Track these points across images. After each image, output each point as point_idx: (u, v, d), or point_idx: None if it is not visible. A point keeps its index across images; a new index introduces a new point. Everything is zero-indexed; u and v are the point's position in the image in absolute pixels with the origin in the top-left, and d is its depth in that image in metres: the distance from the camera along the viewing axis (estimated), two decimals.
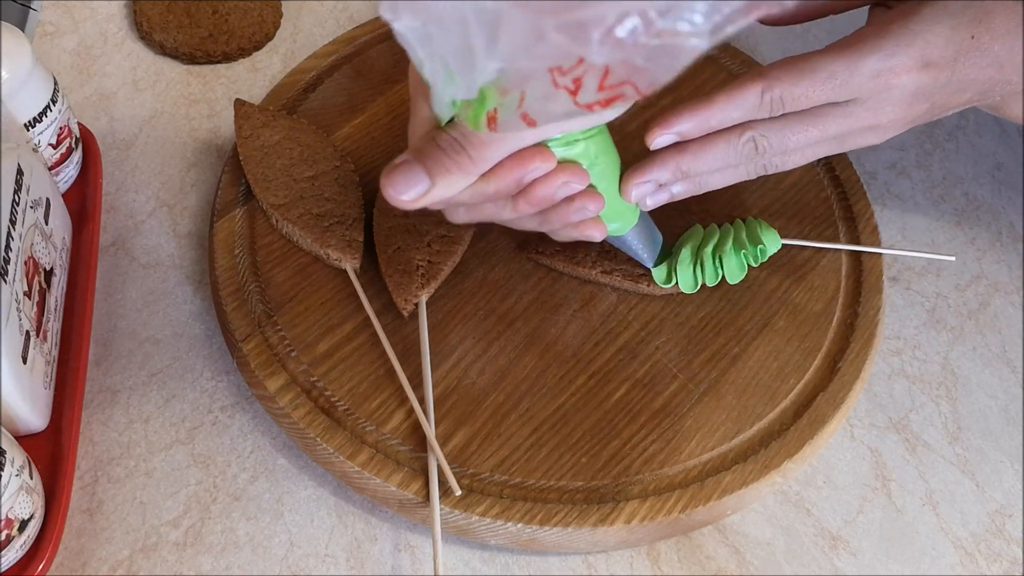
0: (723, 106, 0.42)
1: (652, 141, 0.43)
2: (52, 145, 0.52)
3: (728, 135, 0.43)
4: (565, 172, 0.40)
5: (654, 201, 0.45)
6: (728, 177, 0.45)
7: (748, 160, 0.44)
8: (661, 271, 0.50)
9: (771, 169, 0.44)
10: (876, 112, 0.43)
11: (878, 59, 0.41)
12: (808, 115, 0.43)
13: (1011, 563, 0.47)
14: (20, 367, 0.43)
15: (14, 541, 0.41)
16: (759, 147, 0.43)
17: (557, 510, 0.44)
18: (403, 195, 0.39)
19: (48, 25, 0.66)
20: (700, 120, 0.42)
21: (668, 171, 0.43)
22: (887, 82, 0.41)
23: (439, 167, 0.38)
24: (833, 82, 0.41)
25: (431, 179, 0.38)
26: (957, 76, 0.42)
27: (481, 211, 0.42)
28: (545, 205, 0.41)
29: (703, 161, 0.43)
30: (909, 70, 0.41)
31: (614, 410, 0.48)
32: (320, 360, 0.48)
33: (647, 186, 0.44)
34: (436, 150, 0.38)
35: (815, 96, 0.42)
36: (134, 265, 0.55)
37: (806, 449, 0.47)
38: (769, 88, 0.41)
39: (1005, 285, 0.56)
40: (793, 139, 0.43)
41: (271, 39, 0.66)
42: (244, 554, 0.45)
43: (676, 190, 0.45)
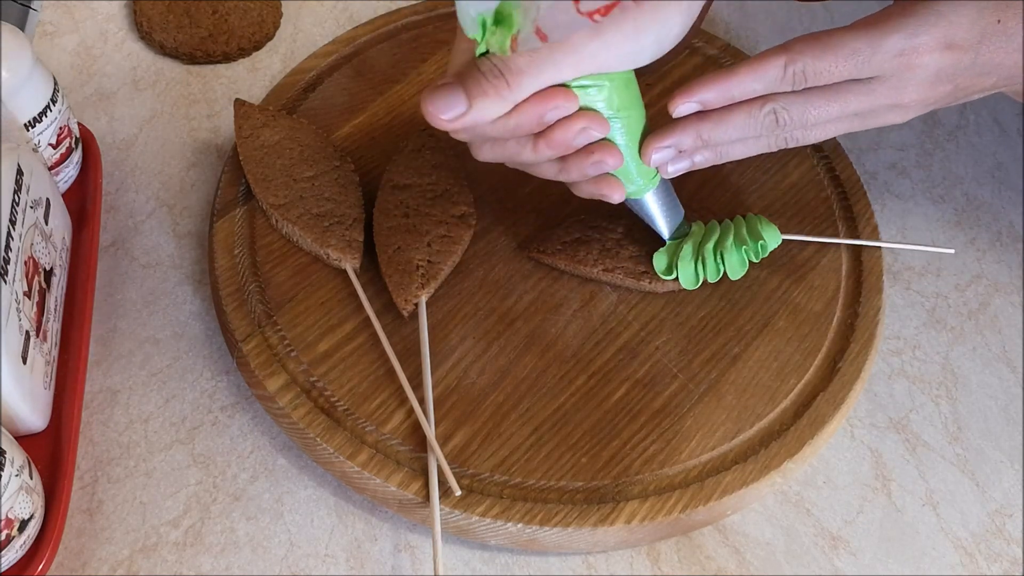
0: (746, 77, 0.42)
1: (675, 109, 0.43)
2: (52, 145, 0.52)
3: (750, 106, 0.43)
4: (585, 118, 0.41)
5: (675, 168, 0.45)
6: (750, 148, 0.45)
7: (769, 132, 0.44)
8: (662, 261, 0.50)
9: (792, 143, 0.45)
10: (898, 91, 0.43)
11: (902, 38, 0.41)
12: (830, 90, 0.43)
13: (1011, 563, 0.47)
14: (20, 367, 0.43)
15: (14, 541, 0.41)
16: (780, 120, 0.43)
17: (557, 510, 0.44)
18: (443, 114, 0.39)
19: (48, 25, 0.66)
20: (722, 89, 0.43)
21: (689, 137, 0.44)
22: (910, 61, 0.41)
23: (478, 89, 0.39)
24: (856, 58, 0.41)
25: (469, 101, 0.39)
26: (981, 59, 0.42)
27: (504, 148, 0.43)
28: (564, 150, 0.42)
29: (724, 130, 0.44)
30: (932, 50, 0.41)
31: (614, 410, 0.48)
32: (320, 360, 0.48)
33: (667, 151, 0.44)
34: (476, 74, 0.39)
35: (837, 72, 0.42)
36: (134, 265, 0.55)
37: (806, 449, 0.47)
38: (792, 61, 0.42)
39: (1005, 285, 0.56)
40: (814, 113, 0.43)
41: (271, 39, 0.66)
42: (244, 554, 0.45)
43: (698, 159, 0.45)
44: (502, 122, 0.40)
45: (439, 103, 0.39)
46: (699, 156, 0.45)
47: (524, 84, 0.39)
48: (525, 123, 0.40)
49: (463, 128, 0.40)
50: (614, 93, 0.41)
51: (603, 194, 0.45)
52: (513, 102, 0.39)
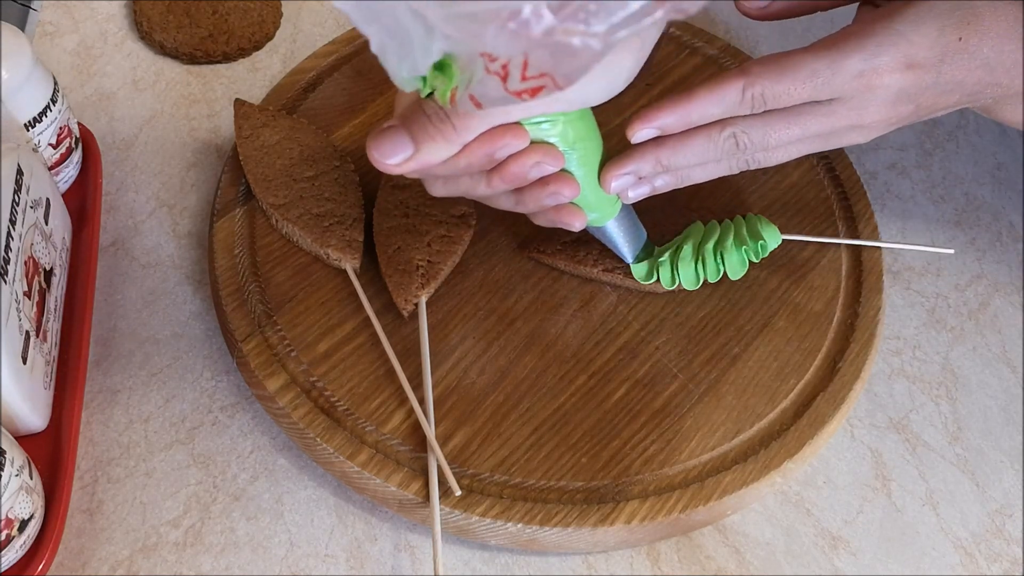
0: (704, 101, 0.42)
1: (633, 135, 0.42)
2: (52, 145, 0.52)
3: (709, 130, 0.43)
4: (538, 152, 0.40)
5: (635, 194, 0.45)
6: (711, 171, 0.44)
7: (729, 155, 0.43)
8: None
9: (754, 165, 0.44)
10: (859, 112, 0.42)
11: (861, 59, 0.41)
12: (790, 113, 0.42)
13: (1011, 563, 0.47)
14: (20, 367, 0.43)
15: (14, 541, 0.41)
16: (740, 143, 0.43)
17: (557, 510, 0.44)
18: (388, 159, 0.39)
19: (48, 25, 0.66)
20: (681, 115, 0.42)
21: (648, 164, 0.43)
22: (870, 82, 0.41)
23: (424, 134, 0.38)
24: (815, 81, 0.41)
25: (415, 145, 0.39)
26: (943, 78, 0.42)
27: (457, 184, 0.42)
28: (518, 183, 0.41)
29: (683, 155, 0.43)
30: (892, 71, 0.41)
31: (614, 410, 0.48)
32: (320, 360, 0.48)
33: (627, 178, 0.44)
34: (422, 117, 0.38)
35: (797, 94, 0.41)
36: (134, 265, 0.55)
37: (806, 449, 0.47)
38: (751, 85, 0.41)
39: (1005, 285, 0.56)
40: (775, 136, 0.43)
41: (271, 39, 0.66)
42: (244, 554, 0.45)
43: (658, 183, 0.45)
44: (451, 162, 0.40)
45: (384, 148, 0.39)
46: (659, 181, 0.44)
47: (471, 127, 0.38)
48: (475, 163, 0.40)
49: (410, 172, 0.40)
50: (568, 127, 0.41)
51: (564, 223, 0.44)
52: (460, 144, 0.39)
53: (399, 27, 0.31)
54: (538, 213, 0.44)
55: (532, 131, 0.40)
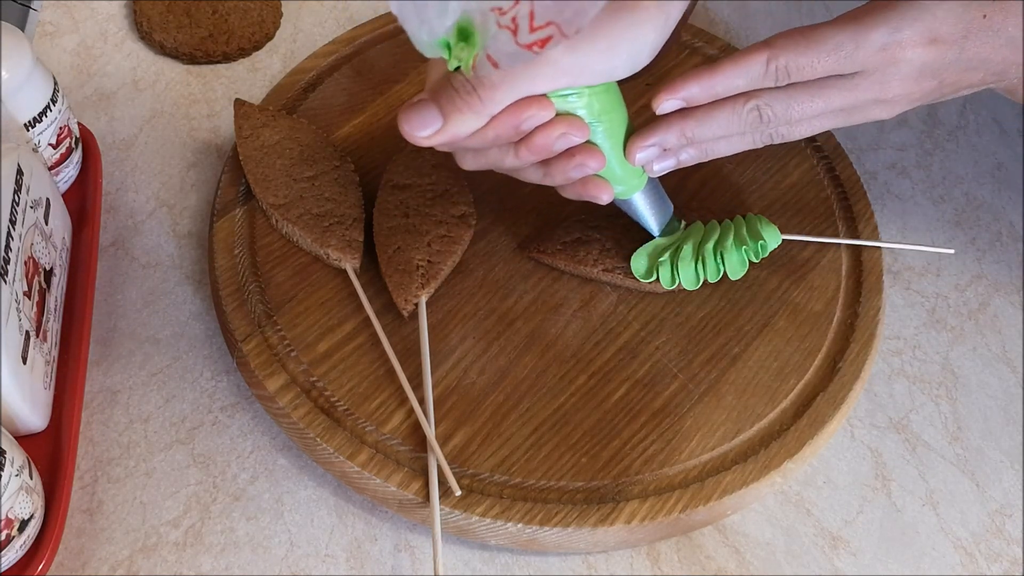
0: (729, 73, 0.42)
1: (658, 106, 0.43)
2: (52, 145, 0.52)
3: (733, 102, 0.43)
4: (564, 124, 0.41)
5: (660, 167, 0.45)
6: (735, 144, 0.45)
7: (753, 128, 0.44)
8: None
9: (777, 139, 0.44)
10: (882, 86, 0.42)
11: (885, 32, 0.41)
12: (814, 86, 0.42)
13: (1011, 563, 0.47)
14: (20, 367, 0.43)
15: (14, 541, 0.41)
16: (763, 116, 0.43)
17: (557, 510, 0.44)
18: (418, 131, 0.40)
19: (48, 25, 0.66)
20: (706, 86, 0.42)
21: (673, 135, 0.44)
22: (893, 56, 0.41)
23: (451, 106, 0.39)
24: (839, 53, 0.41)
25: (444, 117, 0.39)
26: (967, 54, 0.42)
27: (486, 157, 0.43)
28: (545, 155, 0.42)
29: (708, 127, 0.43)
30: (916, 45, 0.41)
31: (614, 410, 0.48)
32: (320, 360, 0.48)
33: (652, 150, 0.44)
34: (449, 90, 0.39)
35: (820, 67, 0.41)
36: (134, 265, 0.55)
37: (806, 449, 0.47)
38: (775, 57, 0.41)
39: (1005, 285, 0.56)
40: (798, 109, 0.43)
41: (271, 39, 0.66)
42: (244, 554, 0.45)
43: (683, 157, 0.45)
44: (480, 134, 0.40)
45: (414, 121, 0.39)
46: (684, 154, 0.45)
47: (497, 98, 0.39)
48: (503, 134, 0.40)
49: (440, 144, 0.40)
50: (593, 99, 0.41)
51: (591, 195, 0.44)
52: (488, 116, 0.39)
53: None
54: (566, 186, 0.45)
55: (558, 103, 0.40)
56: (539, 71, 0.38)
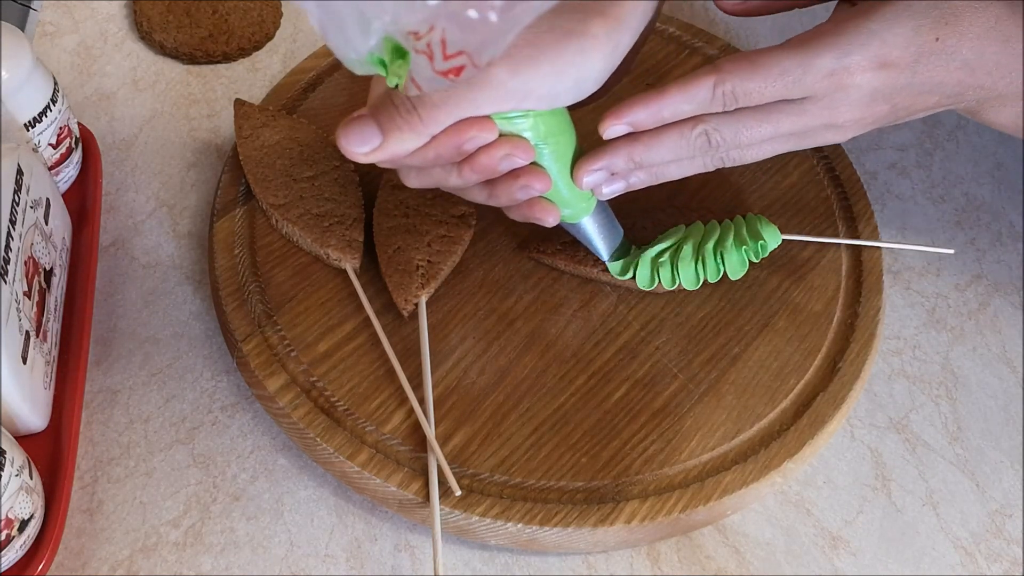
0: (675, 98, 0.41)
1: (605, 131, 0.42)
2: (52, 145, 0.52)
3: (681, 127, 0.42)
4: (508, 144, 0.40)
5: (610, 190, 0.45)
6: (685, 168, 0.44)
7: (703, 153, 0.43)
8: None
9: (729, 162, 0.44)
10: (832, 111, 0.42)
11: (832, 58, 0.40)
12: (761, 111, 0.42)
13: (1011, 563, 0.47)
14: (20, 367, 0.43)
15: (14, 541, 0.41)
16: (712, 141, 0.42)
17: (557, 510, 0.44)
18: (356, 147, 0.39)
19: (48, 25, 0.66)
20: (652, 111, 0.42)
21: (620, 159, 0.43)
22: (841, 81, 0.40)
23: (391, 124, 0.39)
24: (786, 79, 0.40)
25: (383, 135, 0.39)
26: (919, 78, 0.41)
27: (430, 176, 0.43)
28: (488, 175, 0.41)
29: (656, 152, 0.43)
30: (864, 70, 0.40)
31: (614, 410, 0.48)
32: (320, 360, 0.48)
33: (599, 174, 0.44)
34: (390, 108, 0.39)
35: (768, 92, 0.41)
36: (134, 265, 0.55)
37: (806, 449, 0.47)
38: (721, 82, 0.41)
39: (1005, 285, 0.56)
40: (746, 134, 0.42)
41: (271, 39, 0.66)
42: (244, 554, 0.45)
43: (633, 180, 0.45)
44: (420, 154, 0.40)
45: (352, 137, 0.39)
46: (633, 177, 0.44)
47: (438, 118, 0.38)
48: (444, 154, 0.40)
49: (379, 161, 0.40)
50: (539, 121, 0.41)
51: (537, 218, 0.44)
52: (428, 135, 0.39)
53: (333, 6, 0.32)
54: (512, 208, 0.44)
55: (503, 124, 0.40)
56: (482, 93, 0.38)
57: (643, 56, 0.62)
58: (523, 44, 0.37)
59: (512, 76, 0.38)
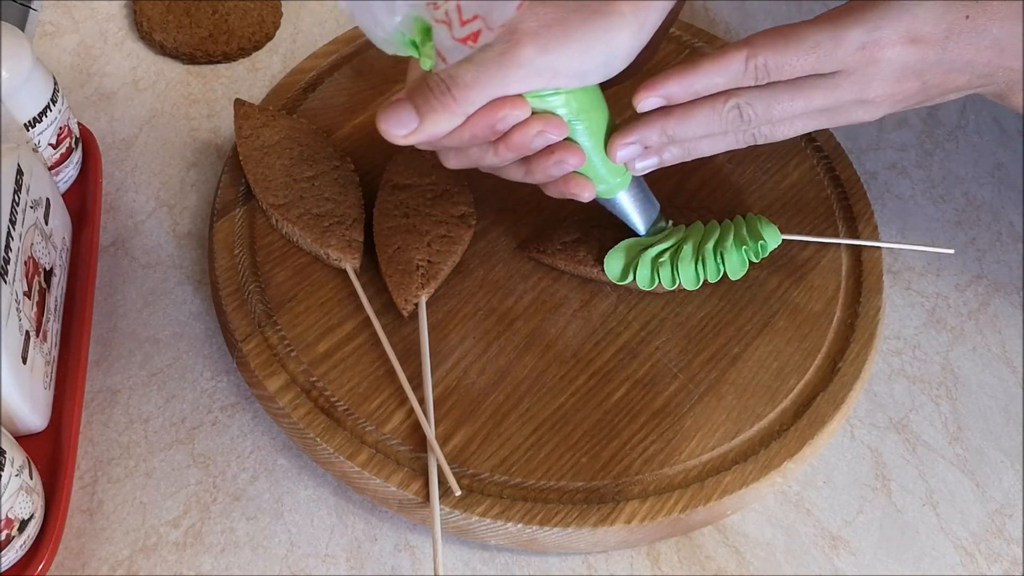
0: (708, 71, 0.42)
1: (639, 103, 0.43)
2: (52, 145, 0.52)
3: (713, 101, 0.43)
4: (541, 122, 0.41)
5: (643, 165, 0.45)
6: (717, 144, 0.44)
7: (735, 128, 0.43)
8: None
9: (760, 139, 0.44)
10: (863, 86, 0.42)
11: (863, 31, 0.40)
12: (794, 85, 0.42)
13: (1011, 563, 0.47)
14: (20, 367, 0.43)
15: (14, 541, 0.41)
16: (744, 115, 0.43)
17: (557, 510, 0.44)
18: (395, 130, 0.40)
19: (48, 25, 0.66)
20: (685, 84, 0.42)
21: (654, 133, 0.43)
22: (872, 55, 0.41)
23: (427, 106, 0.40)
24: (817, 52, 0.41)
25: (419, 117, 0.40)
26: (949, 55, 0.41)
27: (468, 156, 0.43)
28: (523, 152, 0.42)
29: (689, 126, 0.43)
30: (895, 44, 0.41)
31: (614, 410, 0.48)
32: (320, 360, 0.48)
33: (633, 148, 0.44)
34: (425, 90, 0.40)
35: (800, 66, 0.41)
36: (134, 265, 0.55)
37: (806, 449, 0.47)
38: (754, 55, 0.41)
39: (1005, 285, 0.56)
40: (778, 108, 0.42)
41: (271, 39, 0.66)
42: (244, 554, 0.45)
43: (666, 155, 0.45)
44: (456, 134, 0.41)
45: (391, 120, 0.40)
46: (667, 153, 0.45)
47: (471, 98, 0.39)
48: (479, 133, 0.41)
49: (418, 143, 0.41)
50: (571, 98, 0.41)
51: (573, 193, 0.45)
52: (463, 115, 0.40)
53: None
54: (548, 184, 0.45)
55: (536, 102, 0.41)
56: (511, 72, 0.39)
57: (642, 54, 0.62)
58: (551, 23, 0.38)
59: (540, 54, 0.38)
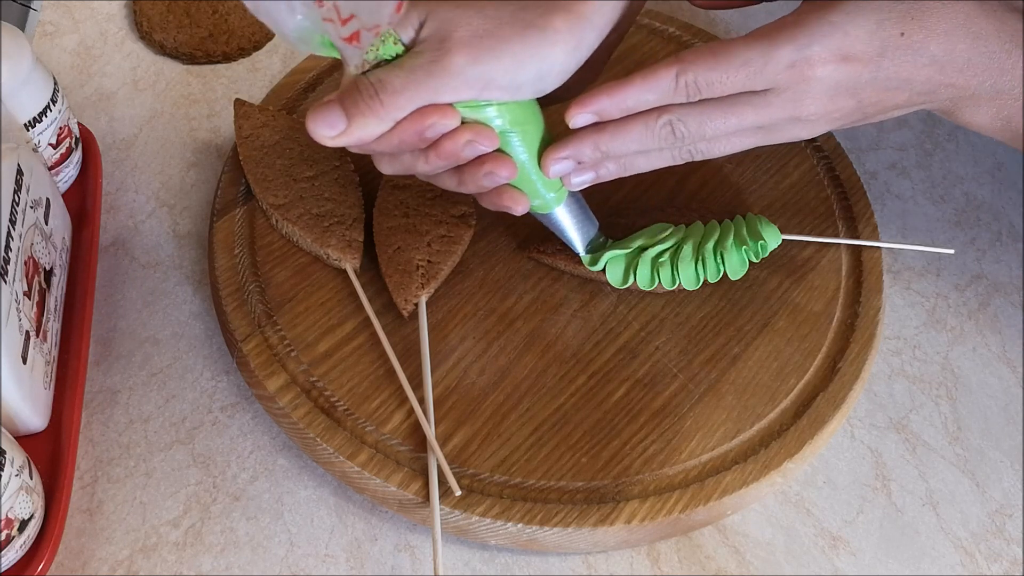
0: (639, 87, 0.41)
1: (571, 120, 0.42)
2: (52, 145, 0.52)
3: (646, 117, 0.42)
4: (470, 131, 0.41)
5: (579, 180, 0.45)
6: (654, 161, 0.44)
7: (669, 144, 0.43)
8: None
9: (697, 156, 0.44)
10: (796, 104, 0.41)
11: (794, 49, 0.40)
12: (726, 102, 0.42)
13: (1011, 563, 0.47)
14: (20, 367, 0.43)
15: (14, 541, 0.41)
16: (677, 132, 0.42)
17: (557, 510, 0.44)
18: (322, 131, 0.40)
19: (48, 25, 0.66)
20: (616, 100, 0.42)
21: (587, 148, 0.43)
22: (803, 73, 0.40)
23: (355, 109, 0.40)
24: (747, 69, 0.40)
25: (348, 120, 0.40)
26: (884, 72, 0.41)
27: (401, 162, 0.43)
28: (453, 161, 0.42)
29: (622, 142, 0.43)
30: (826, 62, 0.40)
31: (614, 410, 0.48)
32: (320, 360, 0.48)
33: (566, 163, 0.44)
34: (355, 93, 0.40)
35: (730, 83, 0.41)
36: (134, 265, 0.55)
37: (806, 449, 0.47)
38: (684, 72, 0.41)
39: (1005, 285, 0.56)
40: (711, 126, 0.42)
41: (271, 39, 0.66)
42: (244, 554, 0.45)
43: (602, 171, 0.45)
44: (385, 139, 0.41)
45: (319, 120, 0.40)
46: (603, 169, 0.44)
47: (399, 104, 0.39)
48: (407, 140, 0.41)
49: (346, 145, 0.41)
50: (505, 110, 0.41)
51: (506, 206, 0.44)
52: (391, 120, 0.40)
53: None
54: (482, 196, 0.45)
55: (468, 113, 0.41)
56: (442, 80, 0.39)
57: (643, 56, 0.62)
58: (484, 33, 0.38)
59: (472, 64, 0.38)
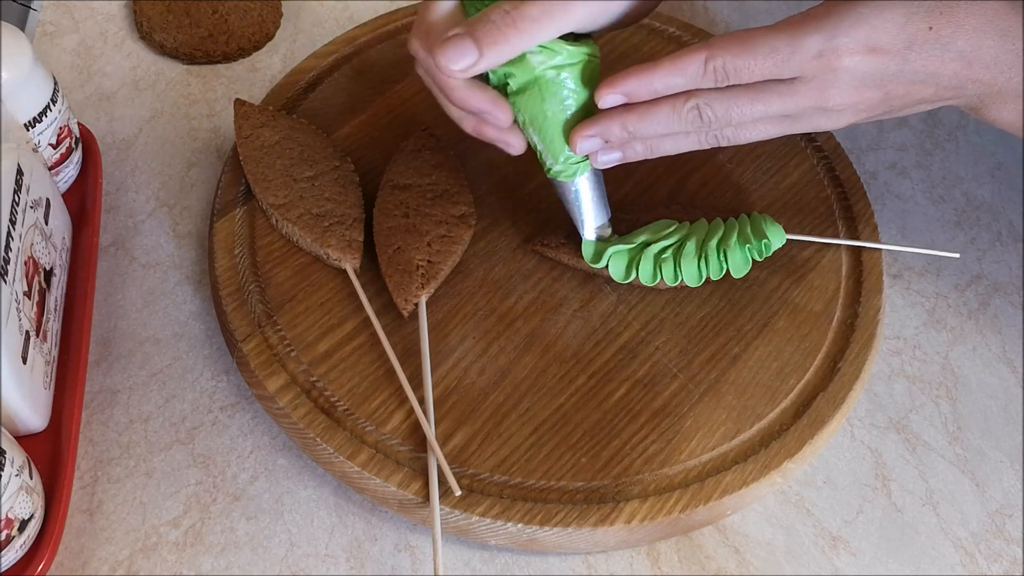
0: (667, 71, 0.42)
1: (600, 99, 0.43)
2: (52, 145, 0.52)
3: (673, 100, 0.43)
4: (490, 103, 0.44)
5: (606, 159, 0.45)
6: (680, 144, 0.45)
7: (695, 128, 0.43)
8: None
9: (723, 141, 0.44)
10: (822, 93, 0.42)
11: (821, 39, 0.40)
12: (753, 89, 0.42)
13: (1011, 563, 0.47)
14: (20, 367, 0.43)
15: (14, 541, 0.41)
16: (703, 116, 0.43)
17: (557, 510, 0.44)
18: (454, 64, 0.41)
19: (48, 25, 0.66)
20: (644, 82, 0.42)
21: (615, 127, 0.44)
22: (830, 63, 0.40)
23: (489, 38, 0.40)
24: (775, 57, 0.41)
25: (480, 51, 0.41)
26: (911, 66, 0.41)
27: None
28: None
29: (649, 123, 0.43)
30: (853, 53, 0.40)
31: (614, 410, 0.48)
32: (320, 360, 0.48)
33: (594, 140, 0.44)
34: (487, 23, 0.40)
35: (758, 70, 0.41)
36: (134, 265, 0.55)
37: (806, 449, 0.47)
38: (712, 57, 0.41)
39: (1005, 285, 0.56)
40: (737, 112, 0.42)
41: (271, 39, 0.66)
42: (244, 554, 0.45)
43: (629, 152, 0.45)
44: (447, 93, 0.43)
45: (450, 54, 0.41)
46: (630, 149, 0.45)
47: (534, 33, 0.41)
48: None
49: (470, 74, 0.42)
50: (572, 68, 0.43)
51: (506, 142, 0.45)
52: (520, 50, 0.41)
53: None
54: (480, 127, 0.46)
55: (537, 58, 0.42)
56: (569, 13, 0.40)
57: (644, 56, 0.62)
58: None
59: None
